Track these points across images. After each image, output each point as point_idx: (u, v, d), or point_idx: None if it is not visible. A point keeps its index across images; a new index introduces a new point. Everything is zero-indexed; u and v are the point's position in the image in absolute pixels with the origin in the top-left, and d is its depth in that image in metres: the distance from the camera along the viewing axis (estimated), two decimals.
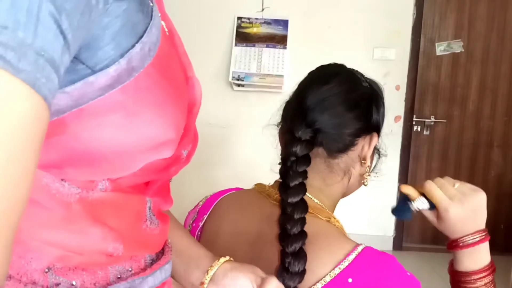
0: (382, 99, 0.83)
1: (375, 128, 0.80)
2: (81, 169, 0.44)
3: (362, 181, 0.82)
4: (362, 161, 0.80)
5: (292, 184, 0.71)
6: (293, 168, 0.73)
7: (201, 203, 0.90)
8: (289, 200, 0.70)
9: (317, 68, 0.84)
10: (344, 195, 0.84)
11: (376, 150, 0.84)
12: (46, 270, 0.45)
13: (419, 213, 0.77)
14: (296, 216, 0.69)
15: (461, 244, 0.75)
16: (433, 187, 0.75)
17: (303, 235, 0.68)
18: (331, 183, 0.79)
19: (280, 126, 0.84)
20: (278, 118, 0.85)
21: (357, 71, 0.83)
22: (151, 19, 0.45)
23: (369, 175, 0.82)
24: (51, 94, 0.35)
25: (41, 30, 0.33)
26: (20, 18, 0.32)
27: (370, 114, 0.78)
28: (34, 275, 0.44)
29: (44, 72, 0.33)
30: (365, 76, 0.84)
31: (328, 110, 0.75)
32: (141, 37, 0.43)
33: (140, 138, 0.45)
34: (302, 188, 0.72)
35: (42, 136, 0.35)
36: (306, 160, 0.74)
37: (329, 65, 0.84)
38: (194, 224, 0.87)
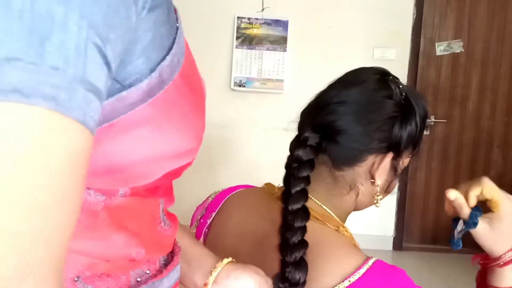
0: (414, 116, 0.73)
1: (393, 147, 0.73)
2: (103, 179, 0.44)
3: (374, 201, 0.77)
4: (371, 180, 0.74)
5: (293, 191, 0.69)
6: (294, 174, 0.70)
7: (210, 198, 0.88)
8: (290, 208, 0.68)
9: (353, 70, 0.79)
10: (354, 209, 0.80)
11: (394, 169, 0.76)
12: (76, 279, 0.45)
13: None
14: (297, 224, 0.66)
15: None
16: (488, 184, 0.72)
17: (304, 244, 0.66)
18: (335, 194, 0.76)
19: None
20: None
21: (395, 80, 0.76)
22: (177, 28, 0.45)
23: (379, 195, 0.75)
24: (95, 124, 0.35)
25: (89, 65, 0.33)
26: (70, 56, 0.32)
27: (390, 133, 0.72)
28: (64, 285, 0.44)
29: (91, 106, 0.33)
30: (406, 87, 0.76)
31: (341, 118, 0.70)
32: (171, 48, 0.42)
33: (164, 150, 0.45)
34: (304, 195, 0.69)
35: (87, 167, 0.35)
36: (310, 165, 0.70)
37: (367, 68, 0.79)
38: (202, 220, 0.86)
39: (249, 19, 3.50)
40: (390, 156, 0.73)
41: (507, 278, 0.72)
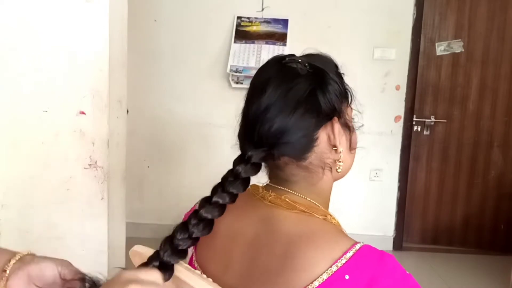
0: (328, 76, 0.75)
1: (331, 113, 0.75)
2: None
3: (335, 168, 0.77)
4: (334, 148, 0.76)
5: (214, 200, 0.69)
6: (225, 187, 0.70)
7: (197, 205, 0.89)
8: (199, 213, 0.68)
9: (255, 74, 0.79)
10: (334, 180, 0.81)
11: (347, 127, 0.78)
12: None
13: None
14: (193, 231, 0.66)
15: None
16: None
17: (183, 254, 0.65)
18: (314, 182, 0.77)
19: None
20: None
21: (293, 59, 0.77)
22: None
23: (340, 161, 0.76)
24: None
25: None
26: None
27: (317, 104, 0.73)
28: None
29: None
30: (304, 57, 0.79)
31: (272, 123, 0.72)
32: None
33: None
34: (220, 210, 0.69)
35: None
36: (243, 183, 0.72)
37: (265, 66, 0.79)
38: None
39: (248, 18, 3.49)
40: (336, 121, 0.75)
41: None
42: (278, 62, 0.78)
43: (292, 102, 0.72)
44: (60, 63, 1.72)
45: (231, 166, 0.74)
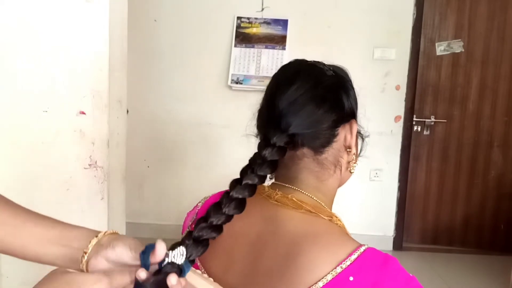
0: (349, 83, 0.82)
1: (351, 114, 0.80)
2: None
3: (349, 169, 0.81)
4: (348, 150, 0.80)
5: (244, 182, 0.70)
6: (254, 169, 0.71)
7: (200, 204, 0.88)
8: (231, 194, 0.68)
9: (280, 70, 0.84)
10: (339, 186, 0.84)
11: (359, 134, 0.84)
12: None
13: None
14: (226, 210, 0.67)
15: None
16: None
17: (219, 230, 0.66)
18: (325, 178, 0.79)
19: (258, 137, 0.83)
20: (254, 128, 0.84)
21: (318, 62, 0.83)
22: None
23: (355, 162, 0.81)
24: None
25: None
26: None
27: (342, 102, 0.78)
28: None
29: None
30: (327, 64, 0.84)
31: (300, 112, 0.75)
32: None
33: None
34: (251, 190, 0.70)
35: None
36: (271, 165, 0.73)
37: (290, 63, 0.85)
38: (193, 226, 0.86)
39: (248, 18, 3.49)
40: (355, 123, 0.79)
41: None
42: (305, 61, 0.83)
43: (321, 95, 0.76)
44: (60, 63, 1.72)
45: (231, 166, 0.74)
